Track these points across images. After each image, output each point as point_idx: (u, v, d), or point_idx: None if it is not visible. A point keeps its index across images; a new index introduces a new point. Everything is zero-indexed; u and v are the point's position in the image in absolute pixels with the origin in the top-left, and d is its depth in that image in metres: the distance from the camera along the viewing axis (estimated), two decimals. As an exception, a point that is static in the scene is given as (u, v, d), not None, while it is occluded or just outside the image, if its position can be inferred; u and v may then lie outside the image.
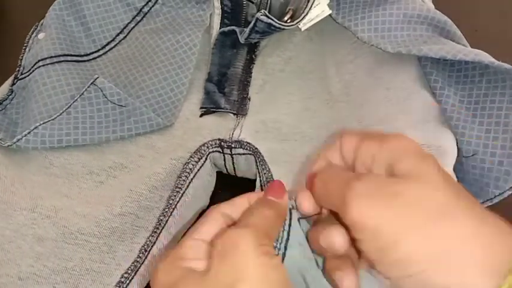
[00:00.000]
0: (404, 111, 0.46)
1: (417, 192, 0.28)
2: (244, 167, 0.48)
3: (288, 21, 0.51)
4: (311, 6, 0.49)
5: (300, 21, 0.49)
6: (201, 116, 0.51)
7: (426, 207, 0.27)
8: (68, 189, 0.46)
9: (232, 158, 0.48)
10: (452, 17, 0.50)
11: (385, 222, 0.27)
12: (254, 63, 0.54)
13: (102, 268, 0.42)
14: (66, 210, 0.44)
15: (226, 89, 0.52)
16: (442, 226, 0.27)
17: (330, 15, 0.52)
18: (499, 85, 0.44)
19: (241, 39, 0.52)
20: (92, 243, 0.43)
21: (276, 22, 0.48)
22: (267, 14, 0.48)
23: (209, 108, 0.51)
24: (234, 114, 0.51)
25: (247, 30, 0.50)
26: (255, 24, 0.49)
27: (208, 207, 0.48)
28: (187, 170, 0.45)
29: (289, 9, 0.52)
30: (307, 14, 0.49)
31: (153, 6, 0.57)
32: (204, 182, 0.47)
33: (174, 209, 0.43)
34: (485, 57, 0.44)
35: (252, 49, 0.55)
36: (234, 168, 0.49)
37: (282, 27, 0.49)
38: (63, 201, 0.45)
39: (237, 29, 0.52)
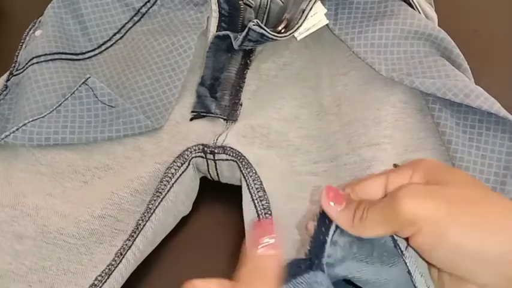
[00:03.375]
0: (391, 138, 0.45)
1: (458, 191, 0.30)
2: (227, 172, 0.48)
3: (282, 31, 0.50)
4: (305, 18, 0.48)
5: (293, 32, 0.49)
6: (191, 119, 0.50)
7: (468, 200, 0.30)
8: (53, 188, 0.46)
9: (215, 163, 0.47)
10: (452, 17, 0.49)
11: (435, 213, 0.29)
12: (248, 69, 0.53)
13: (79, 269, 0.42)
14: (47, 209, 0.44)
15: (218, 93, 0.52)
16: (484, 215, 0.29)
17: (327, 25, 0.52)
18: (493, 113, 0.44)
19: (235, 46, 0.51)
20: (70, 244, 0.43)
21: (268, 33, 0.48)
22: (260, 23, 0.48)
23: (199, 112, 0.50)
24: (224, 119, 0.50)
25: (240, 37, 0.50)
26: (247, 33, 0.49)
27: (190, 214, 0.48)
28: (169, 175, 0.45)
29: (284, 18, 0.52)
30: (300, 25, 0.48)
31: (151, 7, 0.56)
32: (186, 187, 0.46)
33: (152, 213, 0.43)
34: (475, 97, 0.43)
35: (248, 54, 0.54)
36: (218, 174, 0.48)
37: (275, 38, 0.48)
38: (46, 200, 0.45)
39: (231, 35, 0.52)
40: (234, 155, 0.46)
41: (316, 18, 0.51)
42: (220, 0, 0.54)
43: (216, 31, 0.54)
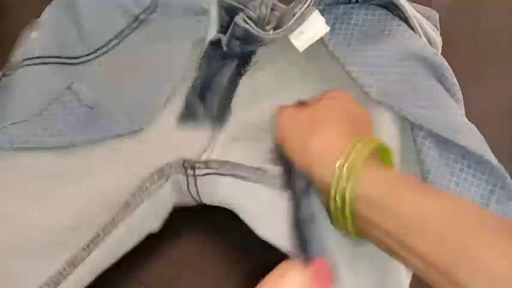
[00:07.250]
0: None
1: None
2: (208, 188, 0.45)
3: (271, 31, 0.47)
4: (294, 20, 0.46)
5: (280, 32, 0.46)
6: (177, 125, 0.48)
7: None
8: (26, 191, 0.45)
9: (195, 179, 0.45)
10: (452, 17, 0.49)
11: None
12: (242, 75, 0.51)
13: (30, 274, 0.40)
14: (14, 214, 0.43)
15: (208, 100, 0.50)
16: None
17: (322, 39, 0.49)
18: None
19: (223, 45, 0.49)
20: (27, 250, 0.41)
21: (252, 28, 0.46)
22: (246, 19, 0.46)
23: (186, 118, 0.49)
24: (212, 127, 0.48)
25: (227, 35, 0.48)
26: (233, 29, 0.47)
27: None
28: (143, 188, 0.43)
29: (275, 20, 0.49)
30: (288, 26, 0.46)
31: (150, 14, 0.55)
32: (158, 205, 0.44)
33: (115, 227, 0.41)
34: (463, 134, 0.42)
35: (243, 63, 0.52)
36: (198, 191, 0.45)
37: (260, 35, 0.46)
38: (16, 203, 0.44)
39: (223, 37, 0.49)
40: (217, 164, 0.44)
41: (316, 27, 0.48)
42: (221, 10, 0.52)
43: (214, 41, 0.52)
